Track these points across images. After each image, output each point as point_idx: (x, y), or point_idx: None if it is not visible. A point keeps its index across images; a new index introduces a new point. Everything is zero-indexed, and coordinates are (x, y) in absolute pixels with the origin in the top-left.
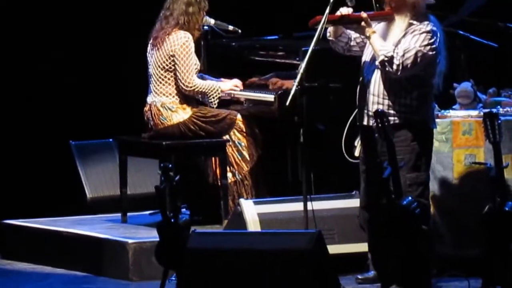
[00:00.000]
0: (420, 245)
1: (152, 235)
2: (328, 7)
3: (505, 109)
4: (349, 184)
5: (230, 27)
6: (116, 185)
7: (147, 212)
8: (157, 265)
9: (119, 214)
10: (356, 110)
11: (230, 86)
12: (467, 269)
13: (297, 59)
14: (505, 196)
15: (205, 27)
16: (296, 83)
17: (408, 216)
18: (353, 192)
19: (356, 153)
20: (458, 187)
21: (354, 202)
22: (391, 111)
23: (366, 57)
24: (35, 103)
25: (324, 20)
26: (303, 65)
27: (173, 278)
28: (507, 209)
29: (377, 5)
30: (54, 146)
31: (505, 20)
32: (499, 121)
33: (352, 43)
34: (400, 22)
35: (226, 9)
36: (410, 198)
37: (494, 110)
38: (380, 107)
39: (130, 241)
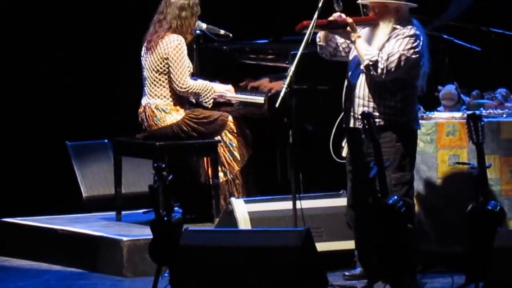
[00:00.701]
0: (405, 243)
1: (145, 233)
2: (317, 12)
3: (488, 111)
4: (337, 183)
5: (222, 31)
6: (111, 184)
7: (141, 211)
8: (150, 262)
9: (114, 213)
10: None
11: (223, 88)
12: (451, 266)
13: (287, 62)
14: (487, 195)
15: (197, 31)
16: (285, 86)
17: (394, 215)
18: (340, 191)
19: (344, 154)
20: (442, 186)
21: (341, 201)
22: (376, 113)
23: (351, 61)
24: (32, 104)
25: (313, 24)
26: (292, 68)
27: (166, 275)
28: (489, 207)
29: (364, 10)
30: (51, 146)
31: (487, 25)
32: (482, 123)
33: (339, 49)
34: (384, 26)
35: (218, 13)
36: (395, 197)
37: (478, 112)
38: (366, 109)
39: (124, 238)
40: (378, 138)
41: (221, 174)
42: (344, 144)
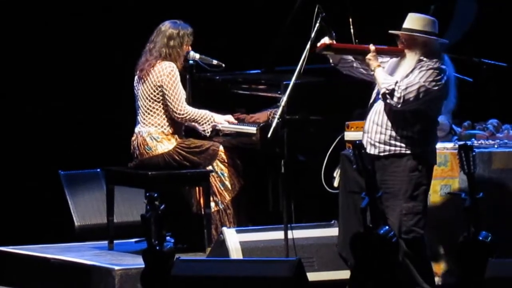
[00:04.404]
0: (397, 274)
1: (137, 262)
2: (309, 42)
3: (479, 142)
4: (328, 213)
5: (214, 61)
6: (103, 214)
7: (133, 240)
8: None
9: (106, 242)
10: (337, 139)
11: (223, 119)
12: None
13: (279, 92)
14: (479, 226)
15: (191, 62)
16: (277, 116)
17: (385, 245)
18: (332, 222)
19: (335, 184)
20: (434, 216)
21: (333, 231)
22: (393, 142)
23: (377, 87)
24: (25, 133)
25: (305, 55)
26: (284, 98)
27: None
28: (481, 238)
29: (357, 40)
30: (43, 176)
31: (479, 56)
32: (474, 153)
33: (355, 65)
34: (410, 58)
35: (210, 43)
36: (387, 227)
37: (469, 143)
38: (383, 137)
39: (116, 267)
40: (370, 169)
41: (212, 204)
42: (336, 174)
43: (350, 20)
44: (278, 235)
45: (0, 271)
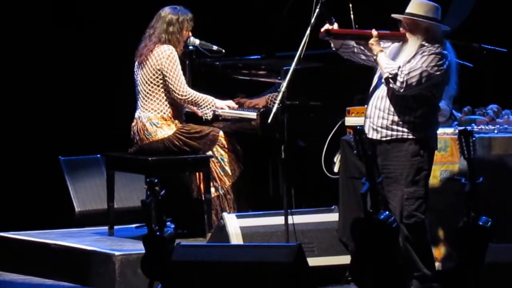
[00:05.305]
0: (397, 258)
1: (138, 248)
2: (309, 28)
3: (479, 127)
4: (329, 199)
5: (215, 47)
6: (103, 199)
7: (134, 225)
8: (142, 276)
9: (106, 227)
10: (338, 125)
11: (224, 104)
12: (442, 282)
13: (279, 78)
14: (479, 211)
15: (190, 47)
16: (277, 101)
17: (385, 230)
18: (332, 207)
19: (335, 169)
20: (434, 201)
21: (333, 216)
22: (395, 127)
23: (378, 72)
24: (25, 119)
25: (305, 41)
26: (284, 83)
27: None
28: (481, 223)
29: (356, 26)
30: (44, 161)
31: (479, 41)
32: (474, 138)
33: (355, 50)
34: (412, 43)
35: (211, 29)
36: (387, 213)
37: (469, 128)
38: (385, 122)
39: (116, 253)
40: (370, 154)
41: (212, 189)
42: (336, 159)
43: (350, 5)
44: (279, 220)
45: (1, 256)
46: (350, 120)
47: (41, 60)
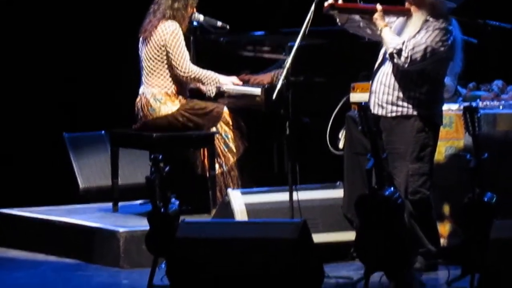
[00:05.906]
0: (401, 234)
1: (142, 224)
2: (313, 4)
3: (484, 103)
4: (333, 175)
5: (219, 23)
6: (107, 176)
7: (138, 202)
8: (147, 253)
9: (111, 204)
10: (342, 101)
11: (229, 81)
12: (447, 258)
13: (284, 54)
14: (484, 187)
15: (195, 23)
16: (282, 78)
17: (390, 206)
18: (337, 183)
19: (340, 145)
20: (439, 178)
21: (338, 193)
22: (400, 102)
23: (383, 48)
24: (29, 96)
25: (310, 17)
26: (289, 60)
27: (163, 266)
28: (486, 199)
29: (361, 1)
30: (48, 138)
31: (484, 17)
32: (479, 115)
33: (361, 24)
34: (417, 19)
35: (215, 5)
36: (392, 189)
37: (474, 104)
38: (390, 98)
39: (121, 229)
40: (375, 130)
41: (216, 166)
42: (341, 135)
43: None
44: (283, 196)
45: (4, 233)
46: (355, 96)
47: (46, 36)
